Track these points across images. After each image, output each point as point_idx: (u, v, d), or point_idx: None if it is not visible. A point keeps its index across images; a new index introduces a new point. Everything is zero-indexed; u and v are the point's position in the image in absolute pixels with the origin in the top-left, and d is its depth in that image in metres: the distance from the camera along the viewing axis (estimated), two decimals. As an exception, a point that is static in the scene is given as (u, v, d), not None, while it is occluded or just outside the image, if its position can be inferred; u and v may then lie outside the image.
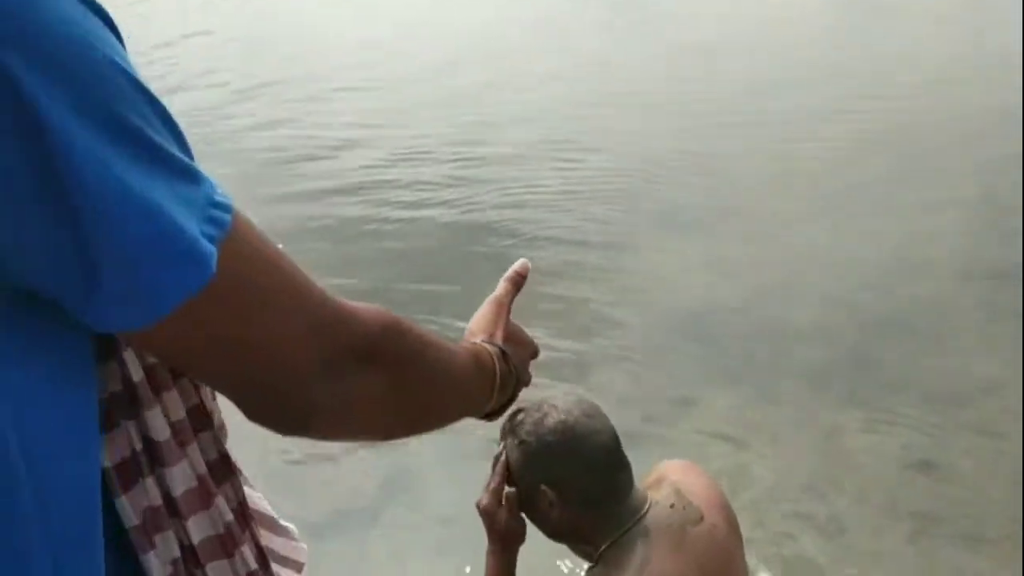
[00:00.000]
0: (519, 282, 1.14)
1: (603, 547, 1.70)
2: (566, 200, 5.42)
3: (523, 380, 1.07)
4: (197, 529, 0.81)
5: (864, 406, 3.49)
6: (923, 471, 3.14)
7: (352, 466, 3.39)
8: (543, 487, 1.68)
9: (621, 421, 1.78)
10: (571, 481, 1.69)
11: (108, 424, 0.75)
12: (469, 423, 1.05)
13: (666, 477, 1.80)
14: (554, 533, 1.77)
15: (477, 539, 1.76)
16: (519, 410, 1.74)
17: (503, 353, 1.02)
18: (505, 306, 1.10)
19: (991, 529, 2.86)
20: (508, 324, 1.08)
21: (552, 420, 1.68)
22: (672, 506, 1.75)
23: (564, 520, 1.70)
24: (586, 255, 4.80)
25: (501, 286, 1.12)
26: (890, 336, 3.91)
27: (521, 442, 1.70)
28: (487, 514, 1.72)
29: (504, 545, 1.75)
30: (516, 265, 1.15)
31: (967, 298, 4.08)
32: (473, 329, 1.07)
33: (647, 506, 1.73)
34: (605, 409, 1.74)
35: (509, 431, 1.74)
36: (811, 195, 5.20)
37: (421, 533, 3.05)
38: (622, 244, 4.90)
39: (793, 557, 2.79)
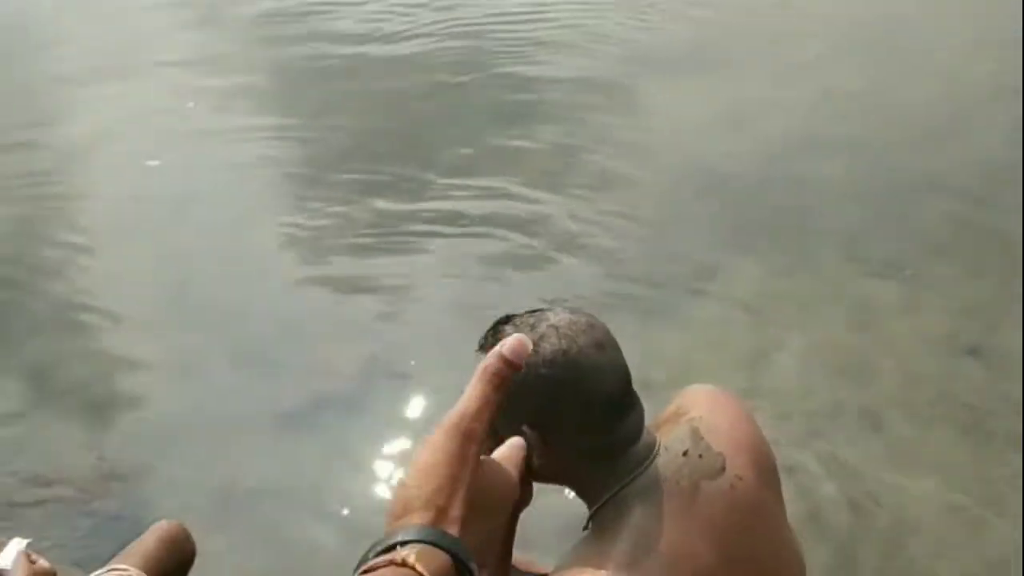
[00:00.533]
0: (506, 378, 0.79)
1: (595, 506, 1.31)
2: (570, 38, 4.84)
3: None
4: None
5: (903, 279, 3.06)
6: (974, 357, 2.73)
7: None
8: (524, 428, 1.27)
9: (628, 293, 1.33)
10: (561, 427, 1.28)
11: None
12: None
13: (686, 412, 1.39)
14: (536, 478, 1.37)
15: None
16: (506, 320, 1.33)
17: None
18: (476, 435, 0.75)
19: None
20: (476, 471, 0.75)
21: (549, 348, 1.26)
22: (685, 453, 1.33)
23: (547, 469, 1.30)
24: (589, 98, 4.27)
25: (477, 394, 0.77)
26: (933, 195, 3.44)
27: None
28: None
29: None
30: (508, 344, 0.81)
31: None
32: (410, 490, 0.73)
33: (654, 453, 1.32)
34: (609, 276, 1.31)
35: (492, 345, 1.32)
36: (841, 31, 4.62)
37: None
38: (628, 89, 4.36)
39: (823, 458, 2.41)
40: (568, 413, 1.27)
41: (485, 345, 1.34)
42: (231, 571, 2.22)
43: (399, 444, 2.61)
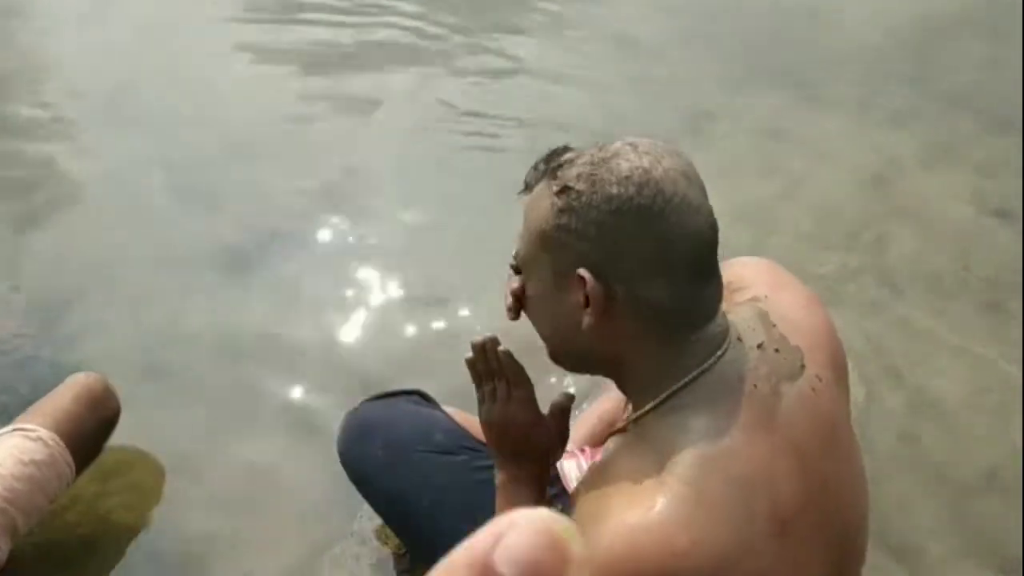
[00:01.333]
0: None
1: (646, 408, 1.02)
2: None
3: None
4: None
5: (924, 131, 2.75)
6: (1001, 220, 2.47)
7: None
8: (581, 272, 0.98)
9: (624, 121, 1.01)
10: (631, 272, 0.98)
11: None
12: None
13: (742, 288, 1.09)
14: (568, 353, 1.08)
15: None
16: (566, 147, 1.05)
17: None
18: None
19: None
20: None
21: (626, 165, 0.97)
22: (760, 346, 1.04)
23: (596, 336, 1.00)
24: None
25: None
26: (959, 38, 3.10)
27: (564, 190, 0.98)
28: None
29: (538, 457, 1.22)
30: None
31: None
32: None
33: (727, 344, 1.02)
34: (603, 106, 1.00)
35: (544, 174, 1.03)
36: None
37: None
38: None
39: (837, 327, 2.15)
40: (642, 252, 0.97)
41: (531, 183, 1.05)
42: (161, 428, 1.94)
43: (352, 286, 2.29)
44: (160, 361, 2.10)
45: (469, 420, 1.58)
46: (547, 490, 1.24)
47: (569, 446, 1.55)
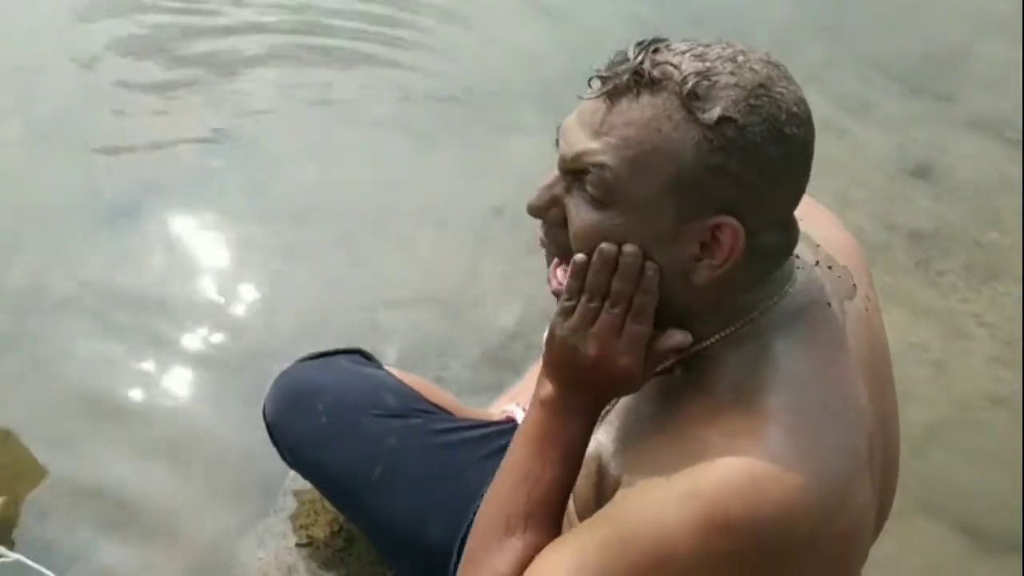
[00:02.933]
0: None
1: (710, 340, 0.88)
2: None
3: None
4: None
5: (839, 91, 2.73)
6: (922, 178, 2.46)
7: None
8: (725, 220, 0.81)
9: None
10: (774, 219, 0.84)
11: None
12: None
13: None
14: (662, 308, 0.87)
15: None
16: (696, 48, 0.82)
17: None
18: None
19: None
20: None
21: (790, 95, 0.82)
22: (817, 264, 0.94)
23: (699, 289, 0.85)
24: None
25: None
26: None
27: (722, 121, 0.79)
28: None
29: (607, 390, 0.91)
30: None
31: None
32: None
33: (797, 264, 0.91)
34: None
35: (654, 82, 0.80)
36: None
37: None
38: None
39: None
40: (787, 195, 0.85)
41: (624, 85, 0.81)
42: (40, 407, 1.69)
43: (243, 238, 2.09)
44: (28, 325, 1.83)
45: (417, 382, 1.42)
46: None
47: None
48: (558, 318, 0.90)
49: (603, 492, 0.91)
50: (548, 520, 0.92)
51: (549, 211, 0.87)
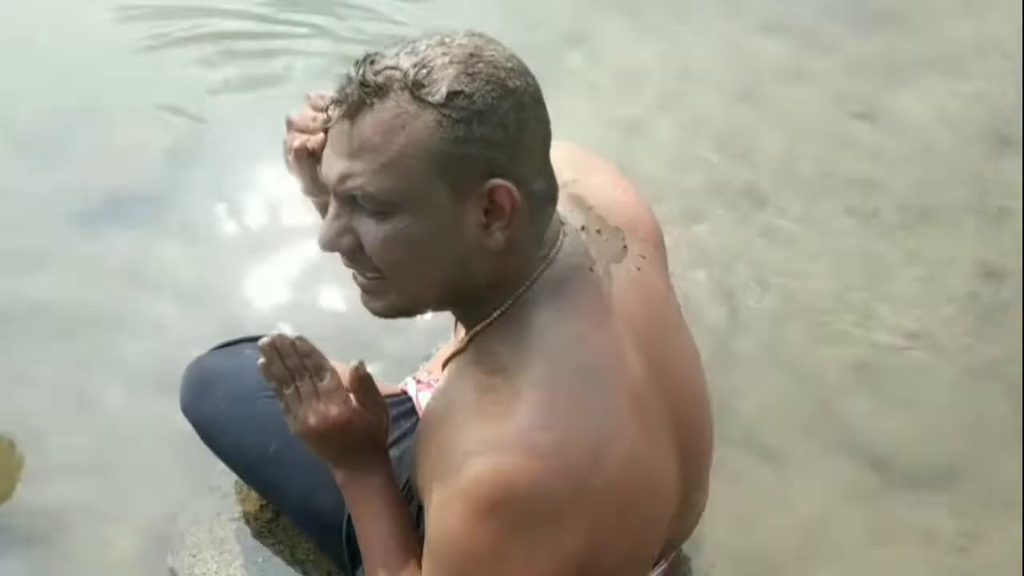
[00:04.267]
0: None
1: (492, 317, 0.97)
2: None
3: None
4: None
5: (783, 29, 2.73)
6: (864, 121, 2.47)
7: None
8: (497, 183, 0.89)
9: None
10: (531, 168, 0.93)
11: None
12: None
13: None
14: (453, 288, 0.97)
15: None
16: (406, 47, 0.91)
17: None
18: None
19: (948, 196, 2.26)
20: None
21: (498, 55, 0.91)
22: (583, 229, 1.01)
23: (496, 254, 0.93)
24: None
25: None
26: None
27: (452, 96, 0.87)
28: None
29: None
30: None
31: None
32: None
33: (562, 229, 0.99)
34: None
35: (379, 89, 0.88)
36: None
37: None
38: None
39: (698, 242, 2.14)
40: (536, 142, 0.94)
41: (360, 101, 0.89)
42: (10, 398, 1.84)
43: (209, 248, 2.19)
44: (3, 333, 1.98)
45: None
46: (392, 469, 1.20)
47: (425, 377, 1.51)
48: (287, 419, 1.13)
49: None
50: (407, 549, 1.12)
51: (342, 241, 0.95)
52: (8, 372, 1.90)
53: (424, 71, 0.87)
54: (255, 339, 1.55)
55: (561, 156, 1.01)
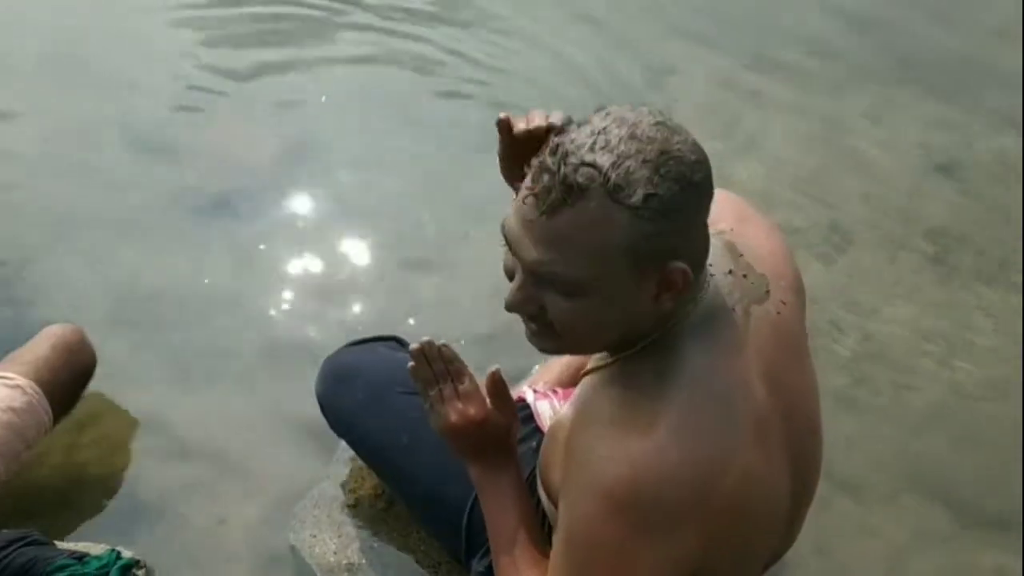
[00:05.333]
0: None
1: (639, 346, 1.08)
2: None
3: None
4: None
5: (871, 89, 2.84)
6: (945, 175, 2.57)
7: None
8: (678, 266, 1.00)
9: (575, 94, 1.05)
10: (704, 244, 1.06)
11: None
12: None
13: (711, 221, 1.15)
14: (621, 339, 1.09)
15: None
16: (599, 139, 0.97)
17: None
18: None
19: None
20: None
21: (686, 146, 0.99)
22: (730, 272, 1.12)
23: (658, 315, 1.05)
24: None
25: None
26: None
27: (648, 199, 0.96)
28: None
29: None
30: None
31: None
32: None
33: (710, 273, 1.10)
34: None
35: (579, 189, 0.96)
36: None
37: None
38: None
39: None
40: (703, 221, 1.05)
41: (559, 200, 0.97)
42: (133, 380, 1.95)
43: (315, 241, 2.32)
44: (125, 316, 2.10)
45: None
46: (521, 468, 1.32)
47: (541, 387, 1.62)
48: (430, 418, 1.28)
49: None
50: (532, 543, 1.25)
51: (528, 307, 1.07)
52: (128, 357, 2.01)
53: (621, 173, 0.95)
54: (385, 338, 1.69)
55: (724, 205, 1.13)
